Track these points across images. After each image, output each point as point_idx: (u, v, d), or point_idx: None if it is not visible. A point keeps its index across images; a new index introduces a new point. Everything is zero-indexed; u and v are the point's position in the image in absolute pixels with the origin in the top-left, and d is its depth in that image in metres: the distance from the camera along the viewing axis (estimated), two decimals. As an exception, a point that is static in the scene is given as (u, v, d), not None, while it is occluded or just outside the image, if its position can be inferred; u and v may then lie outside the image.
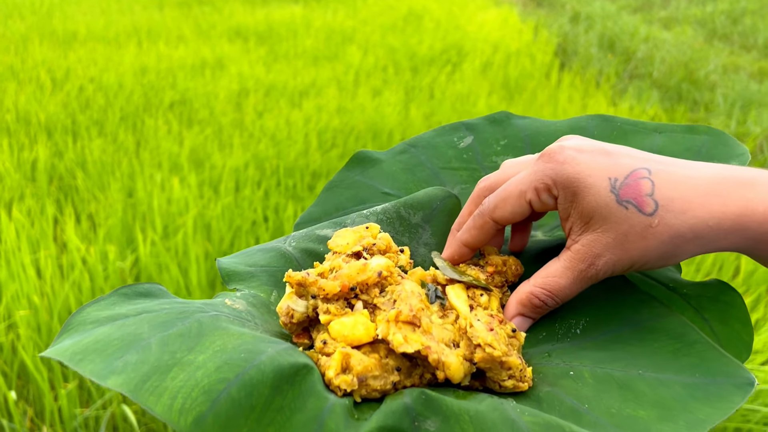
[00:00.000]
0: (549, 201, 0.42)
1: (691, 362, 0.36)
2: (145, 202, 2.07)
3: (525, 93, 3.28)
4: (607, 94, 3.41)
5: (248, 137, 2.66)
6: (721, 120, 3.18)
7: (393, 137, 2.67)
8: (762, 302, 1.73)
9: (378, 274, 0.40)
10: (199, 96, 3.11)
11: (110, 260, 1.75)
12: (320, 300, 0.40)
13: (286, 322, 0.40)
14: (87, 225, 2.01)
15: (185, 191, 2.10)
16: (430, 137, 0.60)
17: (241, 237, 1.92)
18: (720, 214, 0.38)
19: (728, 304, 0.43)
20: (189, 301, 0.39)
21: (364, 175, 0.57)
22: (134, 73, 3.42)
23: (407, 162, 0.58)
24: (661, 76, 3.89)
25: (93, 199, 2.20)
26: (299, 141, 2.57)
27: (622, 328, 0.39)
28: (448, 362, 0.36)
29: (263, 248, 0.49)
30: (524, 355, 0.40)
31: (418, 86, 3.35)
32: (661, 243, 0.38)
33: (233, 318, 0.38)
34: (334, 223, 0.50)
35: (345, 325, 0.38)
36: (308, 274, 0.40)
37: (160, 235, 1.92)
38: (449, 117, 2.86)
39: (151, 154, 2.50)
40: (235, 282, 0.44)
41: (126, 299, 0.39)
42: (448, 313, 0.40)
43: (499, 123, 0.60)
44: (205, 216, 2.00)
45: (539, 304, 0.41)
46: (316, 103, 3.02)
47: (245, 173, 2.30)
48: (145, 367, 0.31)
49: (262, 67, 3.57)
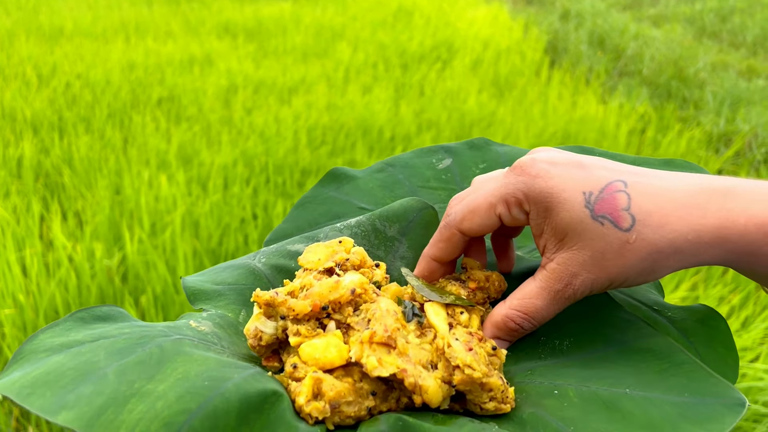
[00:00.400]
0: (520, 216, 0.40)
1: (679, 382, 0.34)
2: (132, 200, 2.05)
3: (515, 90, 3.27)
4: (596, 92, 3.41)
5: (237, 134, 2.64)
6: (710, 118, 3.19)
7: (383, 134, 2.65)
8: (751, 299, 1.73)
9: (351, 291, 0.38)
10: (187, 92, 3.08)
11: (97, 258, 1.73)
12: (290, 321, 0.38)
13: (254, 345, 0.38)
14: (74, 222, 1.99)
15: (173, 188, 2.08)
16: (408, 158, 0.59)
17: (229, 234, 1.91)
18: (699, 227, 0.36)
19: (713, 329, 0.42)
20: (151, 325, 0.37)
21: (339, 191, 0.55)
22: (122, 69, 3.39)
23: (384, 180, 0.57)
24: (651, 73, 3.90)
25: (80, 196, 2.17)
26: (288, 138, 2.55)
27: (607, 348, 0.38)
28: (425, 386, 0.34)
29: (231, 265, 0.46)
30: (506, 373, 0.38)
31: (408, 83, 3.34)
32: (639, 260, 0.37)
33: (198, 341, 0.36)
34: (306, 238, 0.48)
35: (316, 347, 0.36)
36: (277, 293, 0.38)
37: (148, 232, 1.90)
38: (439, 114, 2.85)
39: (139, 151, 2.47)
40: (201, 301, 0.42)
41: (83, 324, 0.36)
42: (426, 331, 0.38)
43: (479, 148, 0.59)
44: (193, 213, 1.98)
45: (515, 327, 0.40)
46: (305, 100, 3.00)
47: (234, 170, 2.29)
48: (100, 399, 0.29)
49: (251, 64, 3.55)
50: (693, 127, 3.05)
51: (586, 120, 2.87)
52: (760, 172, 2.71)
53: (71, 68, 3.39)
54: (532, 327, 0.40)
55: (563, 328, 0.40)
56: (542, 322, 0.40)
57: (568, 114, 2.93)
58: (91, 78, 3.23)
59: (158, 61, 3.53)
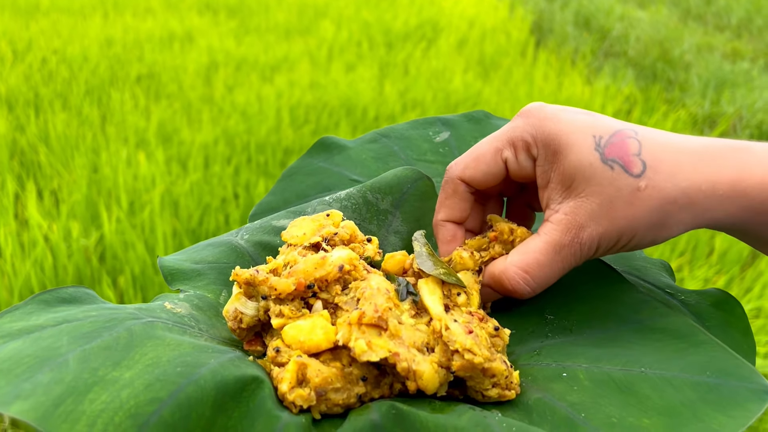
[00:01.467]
0: (527, 163, 0.38)
1: (700, 360, 0.31)
2: (110, 178, 2.00)
3: (500, 70, 3.25)
4: (582, 73, 3.39)
5: (218, 112, 2.59)
6: (696, 100, 3.19)
7: (367, 114, 2.62)
8: (734, 282, 1.73)
9: (339, 268, 0.35)
10: (167, 69, 3.02)
11: (74, 238, 1.69)
12: (272, 301, 0.34)
13: (235, 328, 0.35)
14: (50, 201, 1.94)
15: (152, 167, 2.04)
16: (403, 129, 0.56)
17: (210, 214, 1.87)
18: (715, 177, 0.34)
19: (729, 313, 0.40)
20: (120, 307, 0.34)
21: (329, 162, 0.52)
22: (100, 45, 3.32)
23: (378, 151, 0.54)
24: (637, 54, 3.88)
25: (56, 174, 2.12)
26: (271, 117, 2.51)
27: (620, 327, 0.35)
28: (419, 371, 0.31)
29: (212, 242, 0.43)
30: (510, 354, 0.35)
31: (393, 62, 3.29)
32: (650, 210, 0.34)
33: (173, 324, 0.33)
34: (293, 212, 0.45)
35: (301, 329, 0.33)
36: (257, 271, 0.35)
37: (126, 212, 1.86)
38: (424, 94, 2.82)
39: (117, 128, 2.42)
40: (179, 282, 0.39)
41: (46, 307, 0.33)
42: (422, 312, 0.35)
43: (478, 121, 0.57)
44: (172, 192, 1.94)
45: (511, 289, 0.36)
46: (288, 78, 2.95)
47: (215, 149, 2.24)
48: (58, 388, 0.26)
49: (232, 41, 3.49)
50: (678, 109, 3.04)
51: (572, 101, 2.85)
52: (744, 154, 2.71)
53: (47, 44, 3.31)
54: (530, 291, 0.37)
55: (572, 307, 0.37)
56: (542, 283, 0.36)
57: (553, 95, 2.91)
58: (68, 54, 3.16)
59: (137, 38, 3.45)
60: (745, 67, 3.67)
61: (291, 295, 0.35)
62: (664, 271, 0.45)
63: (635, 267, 0.44)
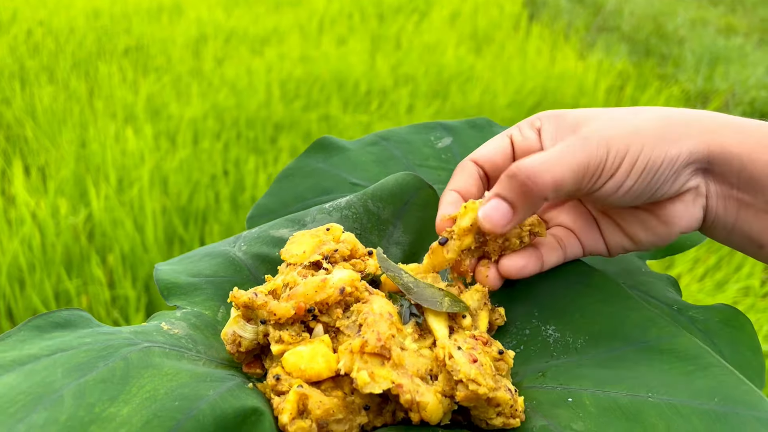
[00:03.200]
0: (530, 133, 0.41)
1: (708, 385, 0.31)
2: (98, 154, 1.97)
3: (493, 44, 3.21)
4: (575, 47, 3.36)
5: (207, 86, 2.56)
6: (689, 75, 3.17)
7: (359, 88, 2.59)
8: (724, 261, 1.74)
9: (340, 291, 0.34)
10: (155, 42, 2.97)
11: (62, 215, 1.67)
12: (271, 326, 0.33)
13: (233, 351, 0.35)
14: (37, 178, 1.91)
15: (141, 143, 2.01)
16: (404, 132, 0.55)
17: (200, 191, 1.85)
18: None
19: (738, 330, 0.39)
20: (116, 330, 0.33)
21: (327, 163, 0.51)
22: (86, 16, 3.26)
23: (379, 154, 0.52)
24: (630, 29, 3.85)
25: (43, 150, 2.09)
26: (261, 91, 2.48)
27: (626, 347, 0.34)
28: (423, 402, 0.31)
29: (210, 252, 0.42)
30: (514, 375, 0.35)
31: (385, 35, 3.25)
32: (653, 118, 0.39)
33: (170, 348, 0.32)
34: (291, 221, 0.43)
35: (301, 356, 0.32)
36: (256, 294, 0.34)
37: (115, 188, 1.83)
38: (416, 68, 2.79)
39: (105, 102, 2.38)
40: (175, 297, 0.38)
41: (39, 333, 0.32)
42: (425, 334, 0.34)
43: (481, 128, 0.57)
44: (162, 169, 1.92)
45: (524, 181, 0.35)
46: (278, 50, 2.91)
47: (204, 124, 2.22)
48: (54, 429, 0.26)
49: (221, 12, 3.43)
50: (671, 85, 3.03)
51: (565, 76, 2.83)
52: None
53: (33, 15, 3.24)
54: (540, 192, 0.36)
55: (579, 326, 0.36)
56: (554, 187, 0.36)
57: (546, 70, 2.88)
58: (54, 25, 3.10)
59: (125, 9, 3.39)
60: (739, 42, 3.65)
61: (291, 319, 0.34)
62: (670, 285, 0.44)
63: (641, 282, 0.43)
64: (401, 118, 2.37)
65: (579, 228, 0.42)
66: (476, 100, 2.54)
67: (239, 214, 1.79)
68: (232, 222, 1.74)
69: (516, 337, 0.38)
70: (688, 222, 0.40)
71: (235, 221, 1.75)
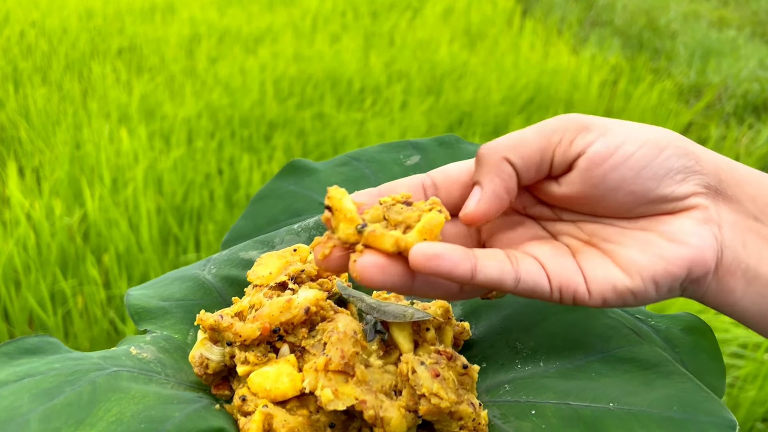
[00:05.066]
0: None
1: (667, 394, 0.31)
2: (92, 155, 1.97)
3: (486, 40, 3.22)
4: (568, 42, 3.37)
5: (201, 86, 2.56)
6: (681, 69, 3.18)
7: (352, 86, 2.59)
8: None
9: (305, 311, 0.35)
10: (148, 42, 2.97)
11: (57, 216, 1.67)
12: (237, 347, 0.34)
13: (201, 374, 0.35)
14: (31, 179, 1.92)
15: (135, 143, 2.01)
16: (374, 152, 0.56)
17: (194, 191, 1.86)
18: None
19: (699, 338, 0.40)
20: (85, 356, 0.33)
21: (299, 185, 0.52)
22: (79, 17, 3.25)
23: (349, 174, 0.53)
24: (623, 23, 3.86)
25: (38, 151, 2.09)
26: (254, 90, 2.48)
27: (588, 356, 0.35)
28: (387, 417, 0.31)
29: (180, 276, 0.42)
30: (479, 388, 0.35)
31: (378, 32, 3.26)
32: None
33: (138, 372, 0.33)
34: (260, 243, 0.44)
35: (267, 377, 0.33)
36: (221, 316, 0.35)
37: (109, 189, 1.84)
38: (410, 65, 2.79)
39: (99, 103, 2.38)
40: (146, 321, 0.38)
41: (7, 360, 0.32)
42: (391, 350, 0.35)
43: (449, 146, 0.57)
44: (156, 168, 1.92)
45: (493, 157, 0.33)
46: (271, 49, 2.91)
47: (198, 123, 2.22)
48: None
49: (214, 12, 3.43)
50: (665, 79, 3.04)
51: (558, 71, 2.84)
52: (729, 124, 2.72)
53: (25, 16, 3.24)
54: (498, 150, 0.33)
55: (541, 335, 0.37)
56: (517, 141, 0.33)
57: (540, 65, 2.89)
58: (46, 26, 3.09)
59: (117, 9, 3.39)
60: (732, 36, 3.66)
61: (257, 340, 0.34)
62: None
63: None
64: (395, 115, 2.37)
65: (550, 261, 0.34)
66: (470, 96, 2.55)
67: (234, 212, 1.79)
68: (227, 220, 1.75)
69: (481, 350, 0.38)
70: (701, 241, 0.32)
71: (229, 220, 1.75)
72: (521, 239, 0.36)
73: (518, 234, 0.36)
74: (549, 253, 0.34)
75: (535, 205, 0.37)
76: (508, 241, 0.36)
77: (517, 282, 0.32)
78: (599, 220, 0.35)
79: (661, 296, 0.33)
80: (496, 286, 0.32)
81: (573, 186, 0.34)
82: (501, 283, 0.32)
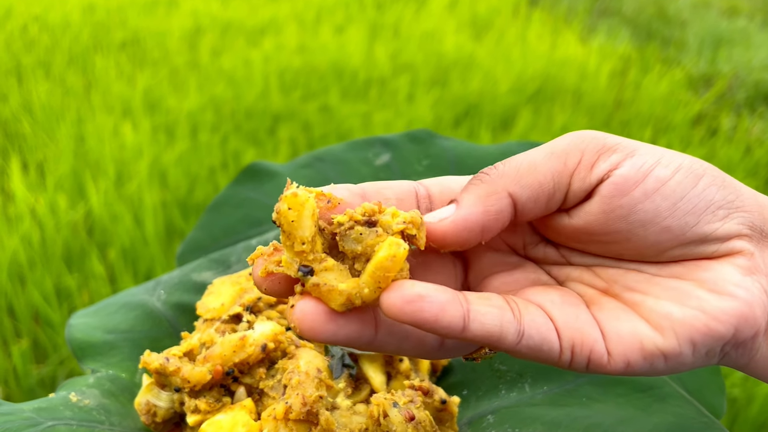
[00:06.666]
0: None
1: (666, 422, 0.27)
2: (96, 149, 1.96)
3: (493, 30, 3.18)
4: (576, 32, 3.33)
5: (204, 79, 2.54)
6: (691, 59, 3.14)
7: (357, 77, 2.57)
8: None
9: (262, 348, 0.30)
10: (151, 35, 2.95)
11: (61, 210, 1.66)
12: (186, 394, 0.30)
13: (149, 422, 0.31)
14: (35, 174, 1.90)
15: (139, 137, 1.99)
16: (340, 151, 0.52)
17: (199, 184, 1.84)
18: None
19: None
20: (16, 409, 0.29)
21: (258, 191, 0.47)
22: (82, 10, 3.23)
23: (312, 178, 0.49)
24: (632, 12, 3.82)
25: (41, 146, 2.08)
26: (258, 82, 2.46)
27: (578, 379, 0.31)
28: None
29: (128, 303, 0.38)
30: (460, 419, 0.32)
31: (383, 23, 3.23)
32: None
33: (77, 424, 0.29)
34: (215, 262, 0.40)
35: (220, 427, 0.29)
36: (167, 359, 0.31)
37: (114, 183, 1.82)
38: (415, 57, 2.77)
39: (103, 97, 2.37)
40: (90, 358, 0.34)
41: None
42: (361, 384, 0.31)
43: (421, 141, 0.52)
44: (160, 162, 1.90)
45: None
46: (275, 41, 2.89)
47: (202, 117, 2.20)
48: None
49: (218, 4, 3.40)
50: (674, 68, 3.00)
51: (567, 61, 2.80)
52: (740, 114, 2.68)
53: (28, 10, 3.22)
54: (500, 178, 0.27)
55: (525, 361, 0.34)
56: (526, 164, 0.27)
57: (547, 55, 2.85)
58: (49, 20, 3.07)
59: (120, 2, 3.36)
60: (742, 24, 3.61)
61: (209, 384, 0.30)
62: None
63: None
64: (400, 106, 2.35)
65: (559, 311, 0.27)
66: (476, 87, 2.52)
67: (239, 206, 1.78)
68: (233, 214, 1.73)
69: (462, 375, 0.35)
70: (749, 295, 0.25)
71: (235, 214, 1.74)
72: (519, 285, 0.29)
73: (515, 278, 0.29)
74: (557, 301, 0.27)
75: (538, 243, 0.30)
76: (503, 287, 0.29)
77: (519, 336, 0.25)
78: (620, 264, 0.28)
79: (697, 361, 0.26)
80: (493, 341, 0.25)
81: (590, 217, 0.27)
82: (500, 337, 0.25)
